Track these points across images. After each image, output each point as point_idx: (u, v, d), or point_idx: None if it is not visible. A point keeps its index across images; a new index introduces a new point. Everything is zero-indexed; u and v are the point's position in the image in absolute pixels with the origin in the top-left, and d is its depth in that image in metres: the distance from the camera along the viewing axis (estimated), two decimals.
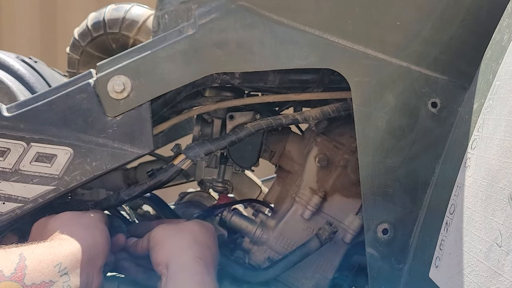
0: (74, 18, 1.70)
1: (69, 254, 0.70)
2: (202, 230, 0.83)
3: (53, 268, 0.67)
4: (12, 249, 0.67)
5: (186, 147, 0.88)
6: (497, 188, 0.53)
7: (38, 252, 0.68)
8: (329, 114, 0.87)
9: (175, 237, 0.80)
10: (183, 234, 0.81)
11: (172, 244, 0.79)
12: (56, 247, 0.71)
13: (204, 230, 0.83)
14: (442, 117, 0.76)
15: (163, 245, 0.79)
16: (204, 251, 0.79)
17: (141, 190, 0.87)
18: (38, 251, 0.68)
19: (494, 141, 0.56)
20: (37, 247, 0.69)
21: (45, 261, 0.67)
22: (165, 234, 0.81)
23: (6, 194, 0.78)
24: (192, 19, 0.80)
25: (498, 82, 0.60)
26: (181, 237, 0.80)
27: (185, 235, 0.81)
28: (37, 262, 0.66)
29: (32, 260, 0.66)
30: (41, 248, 0.69)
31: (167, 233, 0.81)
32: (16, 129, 0.78)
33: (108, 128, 0.79)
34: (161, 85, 0.79)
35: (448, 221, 0.63)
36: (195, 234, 0.81)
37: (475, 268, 0.54)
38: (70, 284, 0.68)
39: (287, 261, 0.87)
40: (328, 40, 0.76)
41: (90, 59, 1.19)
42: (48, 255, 0.68)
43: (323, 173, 0.92)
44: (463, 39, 0.74)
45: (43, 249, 0.69)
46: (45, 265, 0.67)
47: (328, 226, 0.86)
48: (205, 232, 0.83)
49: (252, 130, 0.88)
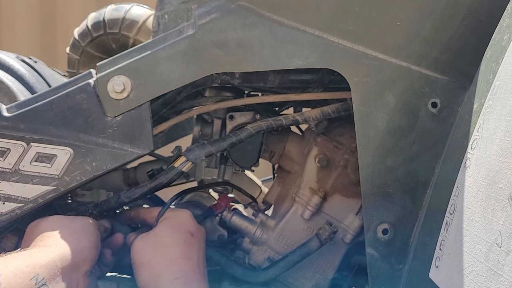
0: (74, 18, 1.70)
1: (48, 263, 0.69)
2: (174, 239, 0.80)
3: (29, 282, 0.65)
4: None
5: (186, 149, 0.88)
6: (497, 188, 0.53)
7: (14, 266, 0.66)
8: (329, 114, 0.87)
9: (150, 261, 0.78)
10: (156, 256, 0.78)
11: (148, 270, 0.77)
12: (34, 257, 0.69)
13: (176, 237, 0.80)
14: (442, 117, 0.76)
15: (140, 270, 0.78)
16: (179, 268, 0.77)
17: (141, 192, 0.87)
18: (13, 264, 0.66)
19: (494, 141, 0.56)
20: (14, 259, 0.67)
21: (20, 275, 0.65)
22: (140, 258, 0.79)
23: (6, 194, 0.78)
24: (192, 19, 0.80)
25: (498, 82, 0.60)
26: (155, 261, 0.78)
27: (158, 256, 0.78)
28: (12, 276, 0.65)
29: (6, 275, 0.64)
30: (17, 261, 0.67)
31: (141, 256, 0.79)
32: (16, 129, 0.78)
33: (108, 128, 0.79)
34: (161, 85, 0.79)
35: (448, 221, 0.63)
36: (168, 250, 0.79)
37: (475, 268, 0.54)
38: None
39: (287, 261, 0.87)
40: (328, 40, 0.76)
41: (90, 59, 1.19)
42: (25, 267, 0.66)
43: (323, 173, 0.92)
44: (463, 39, 0.74)
45: (20, 261, 0.67)
46: (20, 279, 0.65)
47: (328, 226, 0.86)
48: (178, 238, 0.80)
49: (252, 131, 0.88)
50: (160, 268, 0.76)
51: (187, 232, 0.82)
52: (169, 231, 0.82)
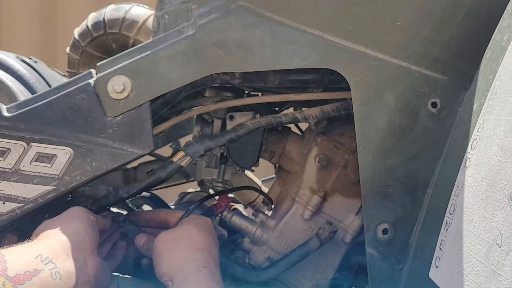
0: (74, 18, 1.70)
1: (47, 246, 0.71)
2: (201, 234, 0.82)
3: (34, 259, 0.68)
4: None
5: (185, 144, 0.88)
6: (497, 188, 0.53)
7: (15, 250, 0.69)
8: (329, 113, 0.87)
9: (176, 248, 0.80)
10: (183, 244, 0.80)
11: (173, 256, 0.79)
12: (33, 244, 0.72)
13: (203, 234, 0.83)
14: (442, 117, 0.76)
15: (164, 257, 0.79)
16: (205, 258, 0.79)
17: (139, 187, 0.87)
18: (15, 249, 0.69)
19: (494, 141, 0.56)
20: (14, 247, 0.70)
21: (24, 254, 0.68)
22: (165, 246, 0.81)
23: (6, 194, 0.78)
24: (192, 19, 0.80)
25: (498, 82, 0.60)
26: (181, 248, 0.80)
27: (185, 244, 0.80)
28: (16, 255, 0.67)
29: (11, 255, 0.66)
30: (18, 247, 0.70)
31: (167, 244, 0.81)
32: (16, 129, 0.78)
33: (108, 128, 0.79)
34: (161, 85, 0.79)
35: (448, 221, 0.63)
36: (195, 241, 0.81)
37: (475, 268, 0.54)
38: (58, 271, 0.68)
39: (287, 261, 0.87)
40: (328, 40, 0.76)
41: (90, 59, 1.19)
42: (27, 249, 0.69)
43: (323, 173, 0.92)
44: (463, 39, 0.74)
45: (20, 247, 0.70)
46: (25, 257, 0.67)
47: (328, 226, 0.86)
48: (204, 235, 0.83)
49: (251, 127, 0.88)
50: (188, 256, 0.78)
51: (210, 232, 0.85)
52: (195, 227, 0.84)
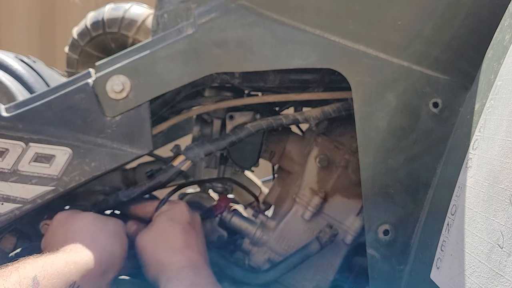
0: (73, 18, 1.70)
1: (85, 270, 0.69)
2: (176, 230, 0.81)
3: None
4: (26, 271, 0.63)
5: (185, 148, 0.87)
6: (499, 189, 0.53)
7: (52, 273, 0.65)
8: (330, 114, 0.87)
9: (155, 252, 0.79)
10: (160, 246, 0.80)
11: (154, 261, 0.78)
12: (72, 263, 0.68)
13: (178, 230, 0.82)
14: (444, 117, 0.75)
15: (147, 260, 0.79)
16: (184, 256, 0.78)
17: (140, 191, 0.87)
18: (52, 270, 0.66)
19: (496, 141, 0.56)
20: (52, 265, 0.66)
21: (59, 283, 0.65)
22: (145, 248, 0.80)
23: (5, 194, 0.78)
24: (192, 19, 0.80)
25: (499, 82, 0.59)
26: (159, 252, 0.79)
27: (162, 247, 0.79)
28: (51, 285, 0.64)
29: (45, 284, 0.64)
30: (56, 266, 0.67)
31: (146, 246, 0.80)
32: (15, 129, 0.78)
33: (107, 128, 0.79)
34: (160, 85, 0.78)
35: (449, 222, 0.63)
36: (171, 241, 0.80)
37: (476, 269, 0.54)
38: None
39: (287, 263, 0.87)
40: (329, 39, 0.76)
41: (89, 58, 1.18)
42: (63, 276, 0.66)
43: (324, 174, 0.92)
44: (464, 38, 0.74)
45: (58, 268, 0.67)
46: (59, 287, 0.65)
47: (328, 229, 0.86)
48: (179, 230, 0.81)
49: (252, 130, 0.88)
50: (166, 259, 0.77)
51: (185, 222, 0.83)
52: (168, 223, 0.83)
